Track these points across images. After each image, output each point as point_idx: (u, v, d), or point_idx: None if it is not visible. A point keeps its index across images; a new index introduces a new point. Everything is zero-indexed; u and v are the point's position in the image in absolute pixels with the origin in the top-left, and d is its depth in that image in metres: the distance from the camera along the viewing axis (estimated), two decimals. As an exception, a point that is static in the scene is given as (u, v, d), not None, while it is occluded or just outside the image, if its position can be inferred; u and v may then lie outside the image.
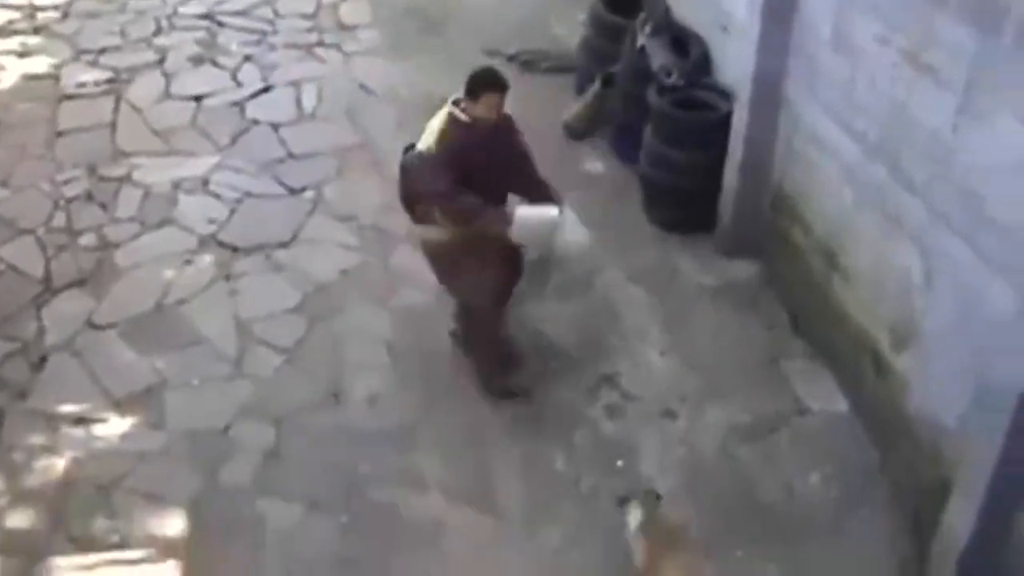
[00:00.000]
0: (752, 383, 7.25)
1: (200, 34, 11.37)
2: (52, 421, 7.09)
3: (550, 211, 6.70)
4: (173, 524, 6.49)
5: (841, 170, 6.92)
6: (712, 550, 6.25)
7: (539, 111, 9.92)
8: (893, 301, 6.43)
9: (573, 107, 9.82)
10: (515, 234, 6.60)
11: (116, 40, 11.21)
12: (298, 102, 10.31)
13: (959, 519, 5.62)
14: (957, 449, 5.81)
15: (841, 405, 7.00)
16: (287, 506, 6.58)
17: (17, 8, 11.77)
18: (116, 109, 10.11)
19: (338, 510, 6.51)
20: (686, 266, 8.25)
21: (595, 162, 9.47)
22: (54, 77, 10.59)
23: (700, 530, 6.36)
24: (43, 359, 7.56)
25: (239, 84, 10.56)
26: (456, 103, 6.57)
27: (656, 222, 8.65)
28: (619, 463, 6.81)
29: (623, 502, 6.41)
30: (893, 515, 6.35)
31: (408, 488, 6.63)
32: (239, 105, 10.24)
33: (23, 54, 10.98)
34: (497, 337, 7.31)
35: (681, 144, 8.27)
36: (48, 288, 8.15)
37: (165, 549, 6.35)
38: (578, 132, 9.71)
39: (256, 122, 10.03)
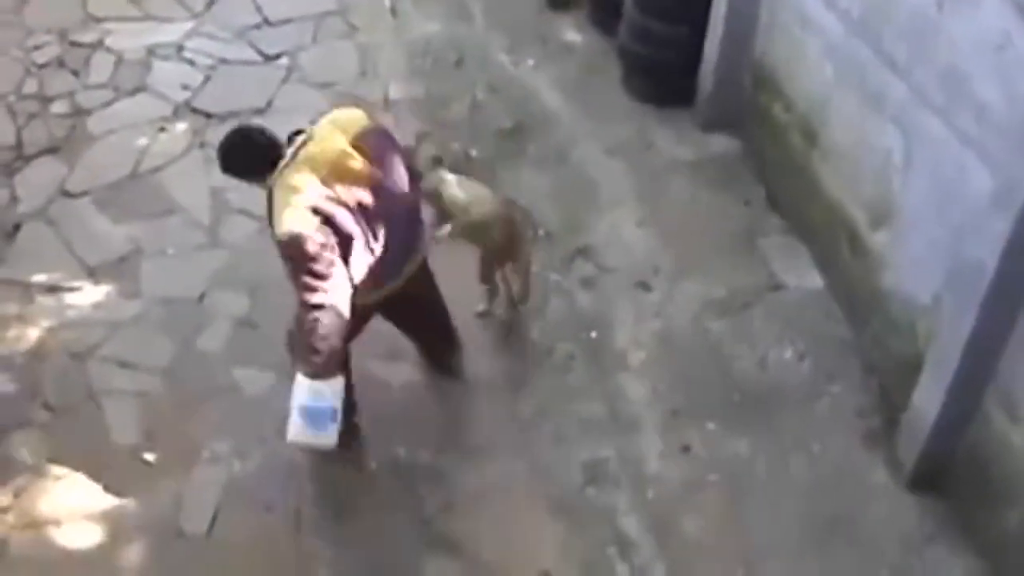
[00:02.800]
0: (727, 258, 7.22)
1: None
2: (26, 290, 7.07)
3: None
4: (149, 392, 6.50)
5: (823, 47, 6.81)
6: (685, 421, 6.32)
7: (519, -22, 9.78)
8: (871, 179, 6.39)
9: (554, -25, 9.66)
10: None
11: (86, -100, 10.95)
12: (273, -34, 10.11)
13: (929, 395, 5.65)
14: (930, 326, 5.82)
15: (816, 281, 6.99)
16: (261, 374, 6.58)
17: None
18: (87, -28, 9.89)
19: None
20: (663, 140, 8.15)
21: (574, 32, 9.31)
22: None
23: (672, 402, 6.41)
24: (16, 227, 7.51)
25: (214, -53, 10.34)
26: None
27: (634, 95, 8.52)
28: (592, 334, 6.82)
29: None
30: (863, 391, 6.38)
31: (382, 358, 6.62)
32: (214, -31, 10.02)
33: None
34: None
35: (661, 15, 8.10)
36: (20, 155, 8.07)
37: (141, 417, 6.37)
38: (557, 1, 9.55)
39: (231, -13, 9.83)
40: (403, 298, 5.84)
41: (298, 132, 5.50)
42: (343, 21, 9.48)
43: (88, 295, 7.07)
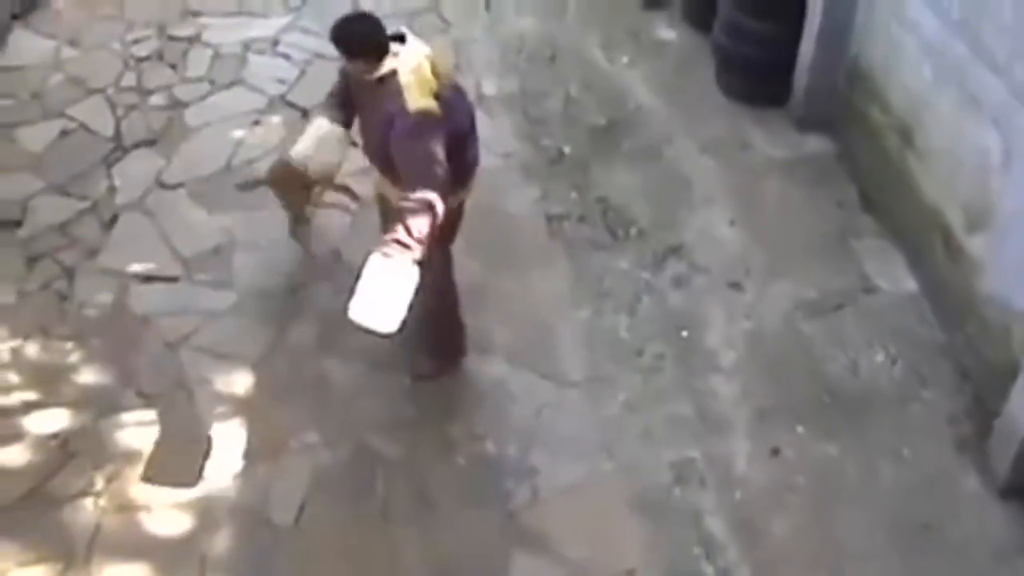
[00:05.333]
0: (820, 259, 7.20)
1: None
2: (122, 279, 7.19)
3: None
4: (240, 382, 6.61)
5: (921, 45, 6.76)
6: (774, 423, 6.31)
7: (614, -25, 9.79)
8: (968, 181, 6.32)
9: (649, -28, 9.66)
10: None
11: None
12: (369, -38, 10.19)
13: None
14: (1026, 333, 5.77)
15: (909, 284, 6.95)
16: (351, 366, 6.66)
17: None
18: (186, -33, 10.06)
19: (401, 371, 6.59)
20: (757, 139, 8.15)
21: (667, 29, 9.33)
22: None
23: (762, 404, 6.40)
24: (114, 217, 7.65)
25: (311, -57, 10.45)
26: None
27: (728, 93, 8.52)
28: (683, 333, 6.82)
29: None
30: (956, 396, 6.33)
31: (472, 351, 6.69)
32: (311, -36, 10.14)
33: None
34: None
35: (756, 12, 8.09)
36: (119, 147, 8.23)
37: (232, 406, 6.48)
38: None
39: (328, -18, 9.93)
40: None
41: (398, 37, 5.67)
42: (437, 16, 9.57)
43: (182, 285, 7.19)
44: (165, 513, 5.99)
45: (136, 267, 7.27)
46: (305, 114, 8.41)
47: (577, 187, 7.79)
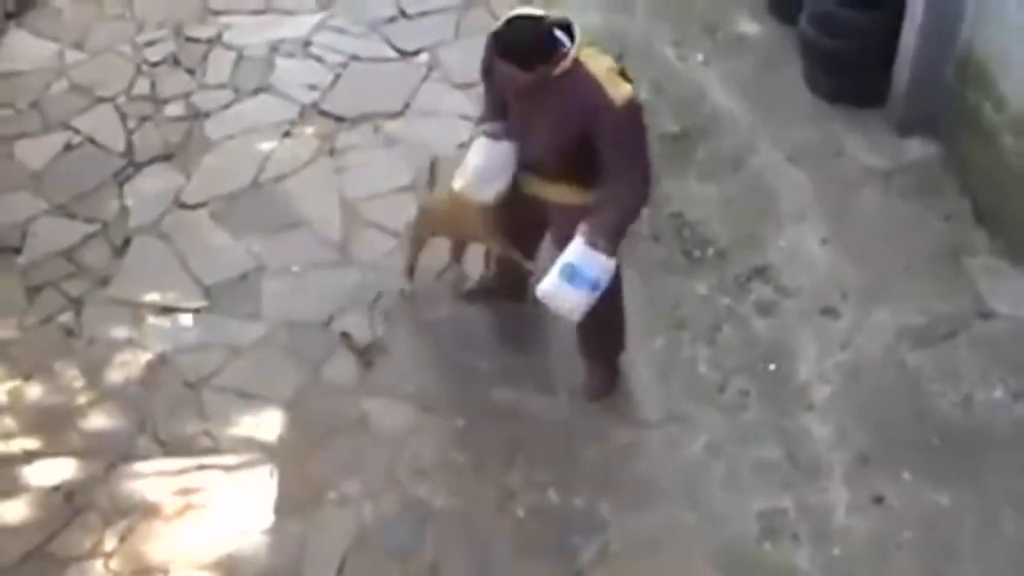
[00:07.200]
0: (927, 280, 7.15)
1: None
2: (136, 311, 7.25)
3: None
4: (270, 426, 6.63)
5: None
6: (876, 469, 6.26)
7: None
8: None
9: (727, -41, 9.67)
10: None
11: None
12: (410, -48, 10.26)
13: None
14: None
15: (1033, 309, 6.92)
16: (394, 407, 6.68)
17: None
18: (205, -40, 10.16)
19: (453, 413, 6.61)
20: (852, 144, 8.11)
21: (748, 22, 9.31)
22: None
23: (862, 446, 6.35)
24: (126, 242, 7.71)
25: (344, -68, 10.54)
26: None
27: (819, 93, 8.50)
28: (771, 367, 6.80)
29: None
30: (1091, 437, 6.29)
31: (533, 390, 6.72)
32: (344, -45, 10.22)
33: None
34: None
35: (851, 0, 8.09)
36: (131, 163, 8.30)
37: (261, 453, 6.50)
38: (730, -13, 9.58)
39: (364, -25, 10.00)
40: None
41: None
42: (489, 12, 9.53)
43: (204, 317, 7.23)
44: (186, 575, 6.01)
45: (152, 297, 7.34)
46: (339, 120, 8.50)
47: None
